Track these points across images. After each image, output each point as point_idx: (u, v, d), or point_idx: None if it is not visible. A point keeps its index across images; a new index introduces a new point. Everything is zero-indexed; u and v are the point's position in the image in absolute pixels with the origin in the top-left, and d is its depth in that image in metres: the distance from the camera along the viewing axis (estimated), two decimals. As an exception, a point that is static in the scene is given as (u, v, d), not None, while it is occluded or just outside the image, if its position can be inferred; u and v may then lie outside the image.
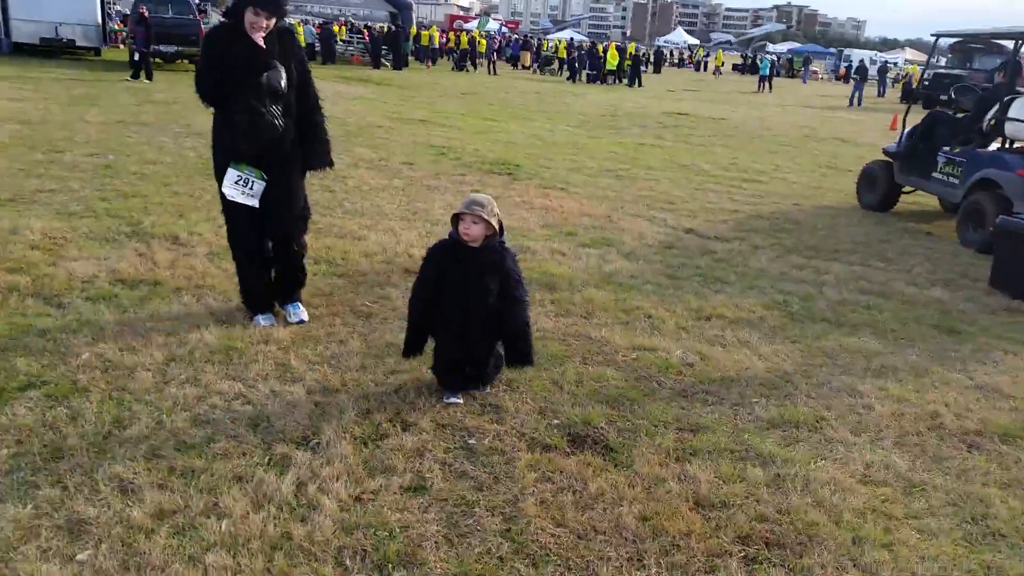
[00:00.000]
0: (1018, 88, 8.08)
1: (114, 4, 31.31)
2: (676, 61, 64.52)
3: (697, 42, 75.14)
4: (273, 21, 4.07)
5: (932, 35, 9.44)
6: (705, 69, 55.83)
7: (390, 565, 2.53)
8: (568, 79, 34.42)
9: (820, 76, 56.46)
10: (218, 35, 4.26)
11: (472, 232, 3.53)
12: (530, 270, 5.77)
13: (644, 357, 4.42)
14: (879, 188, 9.16)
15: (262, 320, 4.45)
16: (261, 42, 4.03)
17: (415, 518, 2.77)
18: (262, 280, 4.51)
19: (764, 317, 5.26)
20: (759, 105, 26.68)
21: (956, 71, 28.15)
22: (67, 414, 3.32)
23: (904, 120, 9.56)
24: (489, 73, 35.01)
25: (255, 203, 4.24)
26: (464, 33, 41.09)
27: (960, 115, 8.90)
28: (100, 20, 25.38)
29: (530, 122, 16.46)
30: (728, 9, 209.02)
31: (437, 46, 39.55)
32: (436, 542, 2.65)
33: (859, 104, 30.10)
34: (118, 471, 2.93)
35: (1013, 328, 5.41)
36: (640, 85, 32.52)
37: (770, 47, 69.58)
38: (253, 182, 4.20)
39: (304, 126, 4.32)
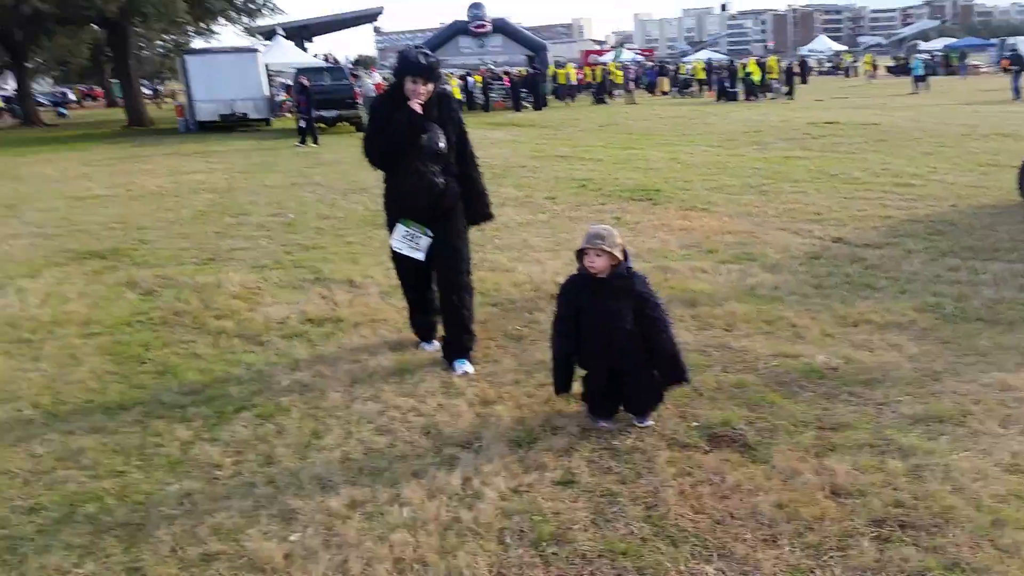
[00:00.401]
0: None
1: (278, 77, 34.47)
2: (824, 69, 62.15)
3: (844, 47, 71.80)
4: (430, 87, 4.39)
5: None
6: (855, 75, 53.42)
7: (544, 543, 2.90)
8: (719, 99, 34.04)
9: (982, 69, 52.39)
10: (381, 103, 4.65)
11: (597, 264, 3.67)
12: (671, 289, 6.04)
13: (786, 363, 4.56)
14: (1046, 181, 8.65)
15: (427, 346, 4.95)
16: (419, 108, 4.34)
17: (565, 506, 3.13)
18: (428, 317, 4.94)
19: (915, 320, 5.23)
20: (914, 106, 25.31)
21: None
22: (274, 429, 3.96)
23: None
24: (628, 103, 35.34)
25: (422, 257, 4.55)
26: (599, 67, 41.72)
27: None
28: (267, 93, 28.13)
29: (670, 146, 16.61)
30: (874, 10, 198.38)
31: (575, 83, 40.36)
32: (584, 525, 3.00)
33: (1018, 96, 27.51)
34: (318, 472, 3.50)
35: None
36: (791, 97, 31.70)
37: (923, 45, 65.43)
38: (420, 238, 4.50)
39: (464, 183, 4.62)
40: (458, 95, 34.42)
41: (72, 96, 64.65)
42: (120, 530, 3.12)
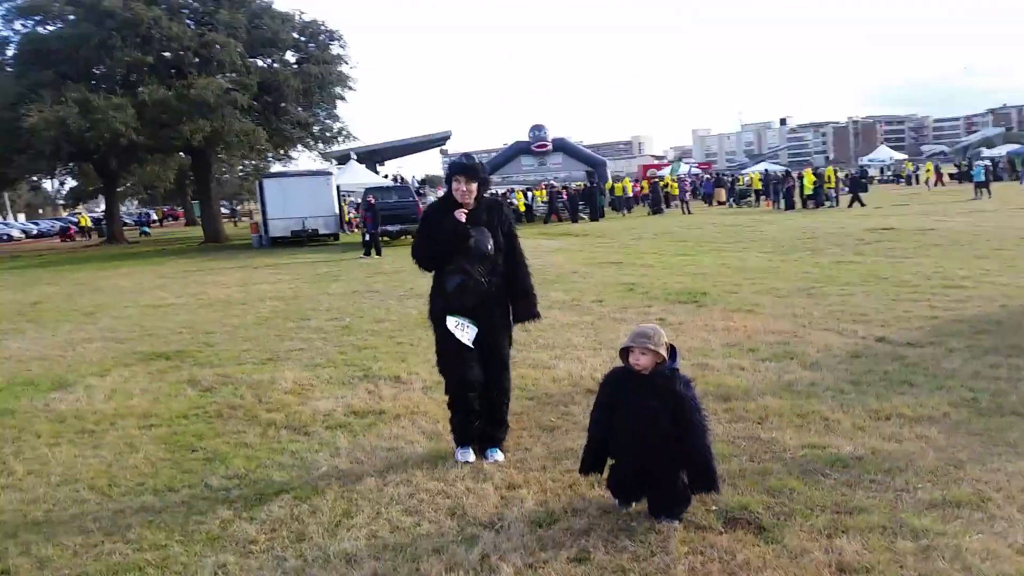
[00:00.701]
0: None
1: (348, 196, 36.36)
2: (885, 178, 62.12)
3: (904, 156, 71.87)
4: (475, 186, 4.69)
5: None
6: (916, 183, 53.22)
7: (552, 612, 3.00)
8: (782, 208, 34.23)
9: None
10: (434, 208, 5.04)
11: (642, 362, 3.79)
12: (706, 383, 6.15)
13: (812, 453, 4.61)
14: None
15: (459, 455, 4.82)
16: (467, 208, 4.67)
17: (577, 579, 3.23)
18: (471, 416, 4.82)
19: (948, 413, 5.21)
20: (973, 212, 25.06)
21: None
22: (308, 509, 4.18)
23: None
24: (683, 213, 35.91)
25: (469, 343, 4.70)
26: (656, 179, 42.72)
27: None
28: (337, 211, 29.69)
29: (721, 253, 16.84)
30: (937, 120, 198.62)
31: (631, 195, 41.35)
32: (593, 596, 3.10)
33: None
34: (344, 548, 3.68)
35: None
36: (862, 205, 31.64)
37: (986, 152, 64.96)
38: (468, 327, 4.71)
39: (512, 283, 4.83)
40: (522, 207, 35.74)
41: (154, 216, 68.91)
42: (158, 596, 3.34)
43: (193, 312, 12.39)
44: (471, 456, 4.80)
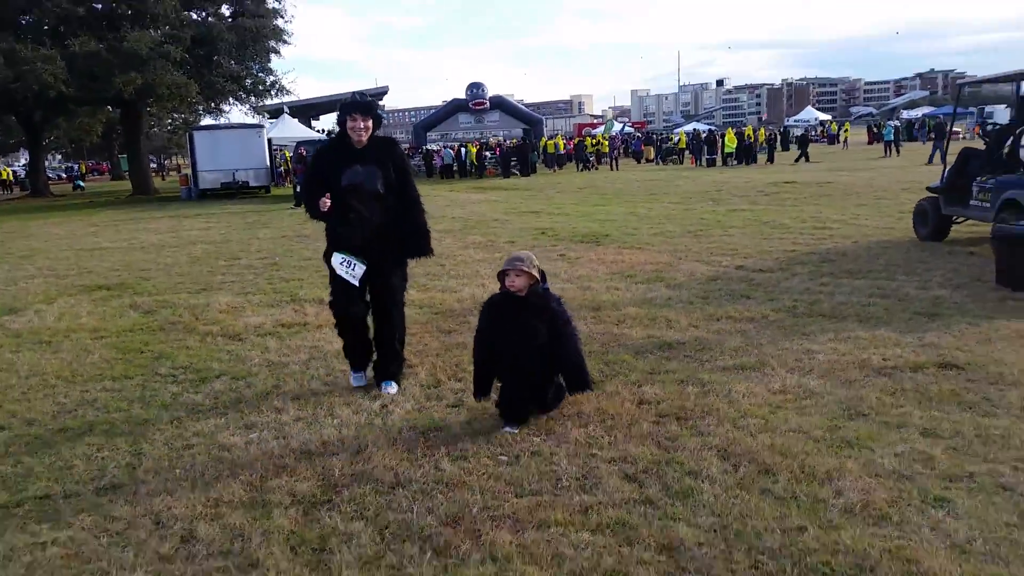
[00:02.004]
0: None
1: (282, 148, 36.49)
2: (813, 137, 64.50)
3: (828, 117, 74.67)
4: (370, 123, 4.74)
5: (957, 84, 10.35)
6: (839, 143, 55.70)
7: (429, 432, 4.10)
8: (704, 165, 35.93)
9: (962, 135, 54.63)
10: (325, 149, 5.10)
11: (516, 284, 4.11)
12: (584, 299, 7.31)
13: (649, 341, 5.79)
14: (930, 221, 9.99)
15: (354, 380, 5.05)
16: (360, 146, 4.72)
17: (453, 418, 4.34)
18: (359, 336, 4.99)
19: (767, 315, 6.48)
20: (877, 169, 26.92)
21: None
22: (244, 384, 5.19)
23: (944, 159, 10.42)
24: (611, 169, 37.20)
25: (355, 282, 4.80)
26: (589, 137, 43.92)
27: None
28: (269, 164, 29.96)
29: (633, 203, 18.09)
30: (868, 83, 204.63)
31: (563, 152, 42.47)
32: (460, 424, 4.20)
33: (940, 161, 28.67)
34: (275, 404, 4.71)
35: (993, 310, 6.30)
36: (807, 160, 33.57)
37: (905, 114, 68.18)
38: (356, 264, 4.77)
39: (404, 222, 4.88)
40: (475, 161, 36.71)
41: (79, 170, 67.03)
42: (127, 436, 4.32)
43: (127, 254, 13.03)
44: (363, 381, 5.03)
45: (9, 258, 13.29)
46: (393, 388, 4.96)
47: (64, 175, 61.12)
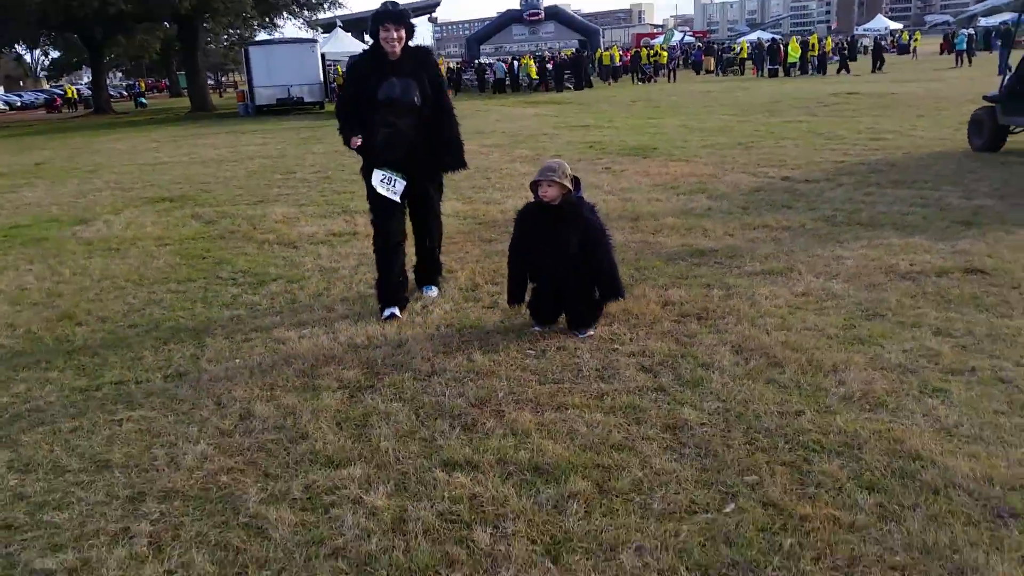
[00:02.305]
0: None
1: (336, 64, 36.54)
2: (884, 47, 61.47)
3: (900, 26, 70.72)
4: (403, 33, 4.59)
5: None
6: (910, 53, 52.98)
7: (467, 328, 4.42)
8: (766, 75, 34.82)
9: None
10: (359, 61, 4.92)
11: (549, 194, 4.10)
12: (624, 211, 7.46)
13: (683, 249, 5.95)
14: (985, 131, 9.72)
15: (387, 312, 4.78)
16: (394, 57, 4.58)
17: (487, 317, 4.64)
18: (393, 272, 4.85)
19: (805, 224, 6.55)
20: (946, 79, 25.75)
21: None
22: (298, 287, 5.57)
23: (1006, 66, 10.00)
24: (669, 81, 36.31)
25: (397, 198, 4.77)
26: (645, 48, 42.72)
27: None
28: (322, 79, 30.11)
29: (687, 116, 17.82)
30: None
31: (619, 64, 41.48)
32: (495, 323, 4.50)
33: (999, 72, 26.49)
34: (324, 303, 5.07)
35: (1035, 218, 6.25)
36: (848, 72, 32.33)
37: (983, 22, 64.02)
38: (396, 180, 4.73)
39: (438, 134, 4.80)
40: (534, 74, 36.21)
41: (139, 87, 68.38)
42: (190, 331, 4.75)
43: (188, 168, 13.54)
44: (396, 312, 4.79)
45: (77, 172, 13.94)
46: (434, 292, 5.15)
47: (125, 92, 62.39)
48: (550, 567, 2.32)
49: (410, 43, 4.74)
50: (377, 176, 4.73)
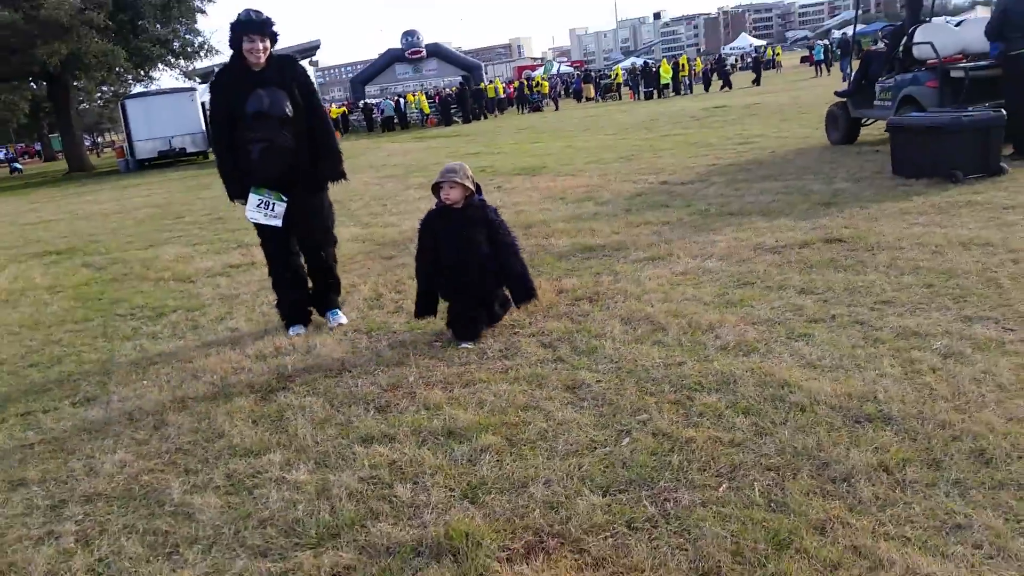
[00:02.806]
0: (922, 19, 9.55)
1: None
2: (745, 65, 65.31)
3: (763, 43, 75.44)
4: (268, 43, 4.33)
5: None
6: (774, 67, 56.50)
7: (375, 331, 4.59)
8: (642, 99, 36.44)
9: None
10: (220, 76, 4.57)
11: (452, 196, 4.05)
12: (518, 221, 7.77)
13: (573, 247, 6.31)
14: (840, 125, 10.64)
15: (292, 331, 4.74)
16: (257, 68, 4.33)
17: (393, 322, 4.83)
18: (295, 293, 4.80)
19: (682, 218, 7.04)
20: (807, 88, 27.66)
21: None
22: (199, 314, 5.59)
23: (851, 66, 11.05)
24: (555, 109, 37.46)
25: (279, 223, 4.50)
26: (526, 80, 43.98)
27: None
28: (204, 128, 29.61)
29: (571, 138, 18.53)
30: (802, 6, 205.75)
31: (503, 96, 42.51)
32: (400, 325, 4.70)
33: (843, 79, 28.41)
34: (229, 325, 5.12)
35: (884, 196, 6.93)
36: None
37: (836, 34, 69.18)
38: (274, 204, 4.46)
39: (315, 144, 4.54)
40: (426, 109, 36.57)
41: (11, 153, 64.98)
42: (94, 363, 4.72)
43: (72, 224, 13.10)
44: (302, 330, 4.75)
45: (-49, 237, 13.26)
46: (341, 317, 4.84)
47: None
48: (468, 506, 2.52)
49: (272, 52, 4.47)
50: (253, 202, 4.46)
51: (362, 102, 45.19)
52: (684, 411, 3.02)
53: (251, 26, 4.29)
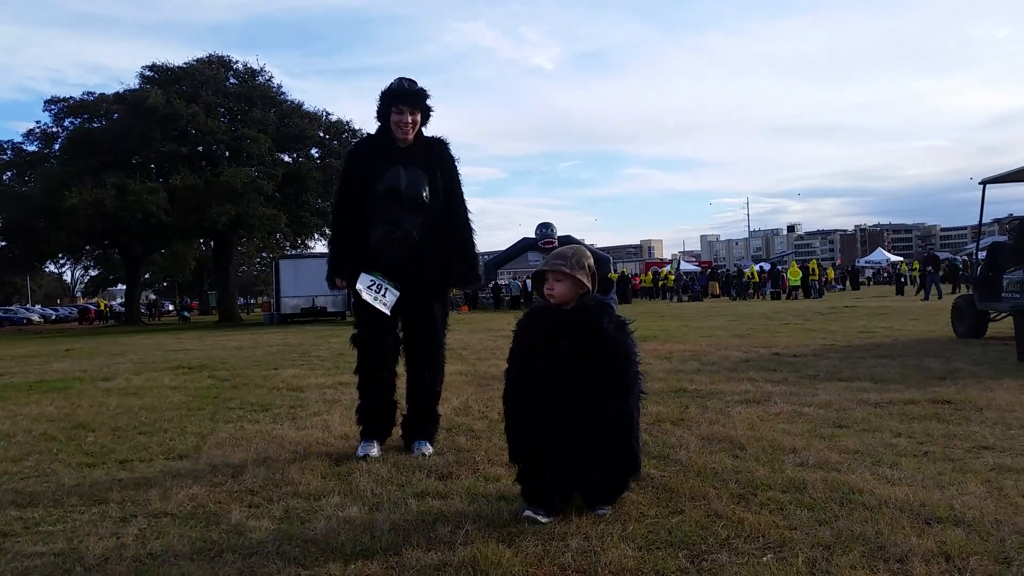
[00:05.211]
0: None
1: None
2: (881, 279, 64.18)
3: (900, 258, 74.21)
4: (419, 117, 3.93)
5: (980, 183, 10.82)
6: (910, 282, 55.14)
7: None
8: (768, 298, 36.37)
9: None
10: (360, 146, 4.19)
11: (556, 291, 2.85)
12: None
13: (668, 387, 6.26)
14: (966, 317, 10.24)
15: (362, 450, 3.99)
16: (405, 144, 3.92)
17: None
18: (378, 395, 4.12)
19: (787, 377, 6.87)
20: (946, 298, 26.73)
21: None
22: (300, 409, 5.86)
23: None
24: (677, 302, 37.81)
25: (387, 310, 3.95)
26: (651, 274, 45.03)
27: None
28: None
29: (690, 320, 18.58)
30: (944, 228, 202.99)
31: (632, 287, 43.55)
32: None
33: (927, 299, 24.83)
34: (332, 418, 5.35)
35: (1008, 375, 6.55)
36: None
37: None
38: (387, 290, 3.94)
39: (448, 240, 4.00)
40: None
41: (171, 307, 71.40)
42: (194, 435, 5.02)
43: (209, 352, 14.16)
44: (374, 451, 3.98)
45: (103, 354, 14.58)
46: (428, 448, 3.98)
47: (172, 308, 65.14)
48: (502, 547, 2.49)
49: (424, 131, 4.08)
50: (365, 281, 3.92)
51: (492, 283, 47.34)
52: (744, 502, 2.90)
53: (403, 95, 3.90)
